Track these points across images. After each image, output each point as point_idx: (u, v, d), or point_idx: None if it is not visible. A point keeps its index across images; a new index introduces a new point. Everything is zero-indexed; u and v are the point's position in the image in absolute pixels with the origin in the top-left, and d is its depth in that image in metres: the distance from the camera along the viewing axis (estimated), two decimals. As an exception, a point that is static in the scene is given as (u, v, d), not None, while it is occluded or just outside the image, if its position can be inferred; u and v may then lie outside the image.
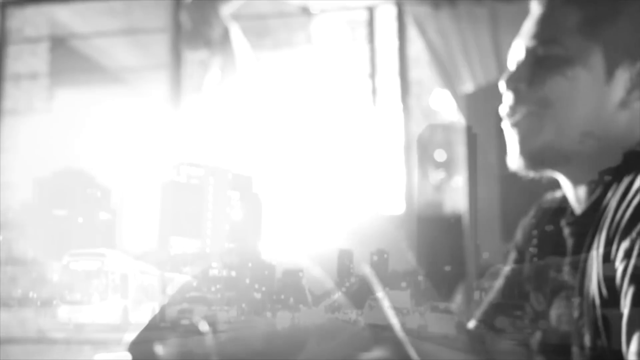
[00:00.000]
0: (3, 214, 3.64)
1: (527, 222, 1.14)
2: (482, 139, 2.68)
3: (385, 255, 5.61)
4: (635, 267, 0.75)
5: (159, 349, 2.48)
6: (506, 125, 0.97)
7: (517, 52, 0.98)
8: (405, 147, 3.16)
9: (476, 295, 2.32)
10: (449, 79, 3.00)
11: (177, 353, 2.64)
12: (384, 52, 3.32)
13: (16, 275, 3.95)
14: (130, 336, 2.40)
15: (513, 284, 1.13)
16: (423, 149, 3.16)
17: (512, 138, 0.96)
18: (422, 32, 3.03)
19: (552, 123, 0.92)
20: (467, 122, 2.70)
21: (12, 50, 3.71)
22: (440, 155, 3.22)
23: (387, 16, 3.31)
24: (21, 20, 3.77)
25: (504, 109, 0.98)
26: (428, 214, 3.14)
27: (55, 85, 4.10)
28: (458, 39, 2.97)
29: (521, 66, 0.96)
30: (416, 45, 3.20)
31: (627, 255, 0.76)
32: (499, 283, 1.17)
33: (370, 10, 3.29)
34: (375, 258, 5.63)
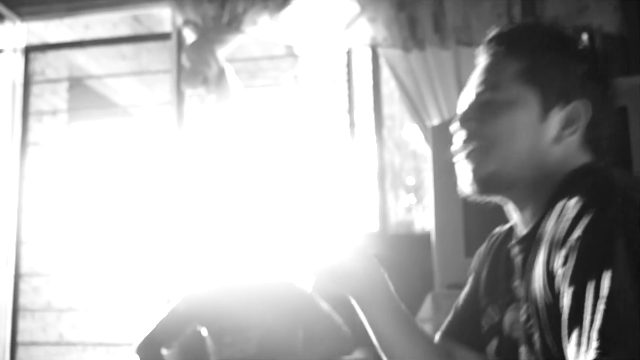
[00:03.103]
0: (25, 232, 3.59)
1: (482, 251, 1.16)
2: (446, 165, 2.65)
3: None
4: (574, 270, 0.76)
5: (165, 351, 2.39)
6: (458, 158, 1.00)
7: (467, 97, 1.02)
8: (379, 174, 3.14)
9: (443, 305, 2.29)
10: (417, 113, 2.97)
11: (181, 355, 2.54)
12: (361, 90, 3.31)
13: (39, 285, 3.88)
14: (138, 339, 2.32)
15: (471, 303, 1.14)
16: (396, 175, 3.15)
17: (464, 168, 0.99)
18: (394, 72, 3.01)
19: (498, 155, 0.96)
20: (434, 151, 2.68)
21: (35, 90, 3.70)
22: (410, 180, 3.20)
23: (363, 58, 3.32)
24: (43, 63, 3.77)
25: (456, 145, 1.01)
26: (400, 231, 3.11)
27: (73, 120, 4.08)
28: (426, 78, 2.96)
29: (471, 108, 1.00)
30: (389, 84, 3.22)
31: (566, 259, 0.78)
32: (458, 302, 1.18)
33: (348, 54, 3.27)
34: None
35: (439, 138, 2.73)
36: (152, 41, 3.64)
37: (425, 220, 3.07)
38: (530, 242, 0.92)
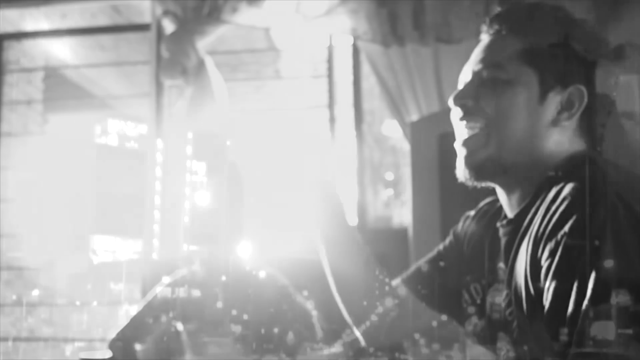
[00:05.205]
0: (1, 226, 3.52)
1: (470, 217, 1.14)
2: (424, 160, 2.67)
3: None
4: (557, 266, 0.75)
5: (139, 347, 2.35)
6: (457, 142, 0.98)
7: (465, 74, 1.00)
8: (359, 168, 3.13)
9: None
10: (397, 109, 2.97)
11: (155, 350, 2.50)
12: (341, 85, 3.30)
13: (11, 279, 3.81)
14: (112, 334, 2.28)
15: (449, 269, 1.12)
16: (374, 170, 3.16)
17: (460, 153, 0.97)
18: (374, 68, 3.01)
19: (494, 138, 0.93)
20: (412, 146, 2.68)
21: (9, 79, 3.63)
22: (389, 175, 3.21)
23: (344, 54, 3.30)
24: (18, 52, 3.69)
25: (453, 121, 0.99)
26: (378, 226, 3.12)
27: (49, 111, 4.01)
28: (405, 75, 2.96)
29: (468, 86, 0.97)
30: (369, 80, 3.22)
31: (552, 254, 0.76)
32: (429, 255, 1.17)
33: (329, 49, 3.27)
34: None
35: (418, 134, 2.74)
36: (131, 32, 3.59)
37: (403, 215, 3.08)
38: (516, 227, 0.90)
